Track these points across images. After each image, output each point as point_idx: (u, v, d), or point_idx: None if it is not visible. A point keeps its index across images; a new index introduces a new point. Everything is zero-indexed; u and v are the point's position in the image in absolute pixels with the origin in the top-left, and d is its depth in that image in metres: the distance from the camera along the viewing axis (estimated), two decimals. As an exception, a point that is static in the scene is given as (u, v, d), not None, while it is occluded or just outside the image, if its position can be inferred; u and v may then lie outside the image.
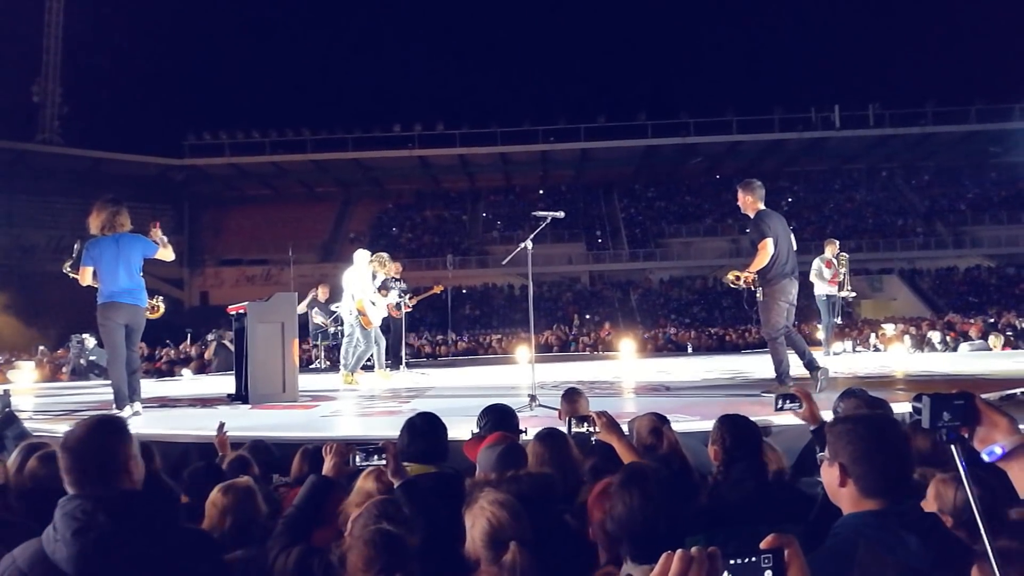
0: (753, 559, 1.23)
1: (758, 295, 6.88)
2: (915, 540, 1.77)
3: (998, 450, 1.68)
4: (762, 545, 1.25)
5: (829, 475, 1.96)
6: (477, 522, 2.21)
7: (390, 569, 2.14)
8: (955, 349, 15.09)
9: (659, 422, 3.76)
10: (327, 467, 2.91)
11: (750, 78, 59.70)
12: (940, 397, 1.73)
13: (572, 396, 4.38)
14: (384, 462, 2.89)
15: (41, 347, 18.45)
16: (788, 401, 3.53)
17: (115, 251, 6.54)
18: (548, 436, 3.35)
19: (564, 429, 3.54)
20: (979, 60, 44.91)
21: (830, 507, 2.04)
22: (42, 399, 9.41)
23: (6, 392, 6.06)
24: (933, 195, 43.72)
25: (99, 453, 2.14)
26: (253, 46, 59.05)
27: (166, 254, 6.81)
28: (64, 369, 15.56)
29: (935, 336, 15.91)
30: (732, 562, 1.21)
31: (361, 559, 2.18)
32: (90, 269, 6.54)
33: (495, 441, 3.15)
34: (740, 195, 7.04)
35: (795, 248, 7.00)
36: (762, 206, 6.90)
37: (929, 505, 2.37)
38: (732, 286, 7.13)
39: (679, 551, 1.19)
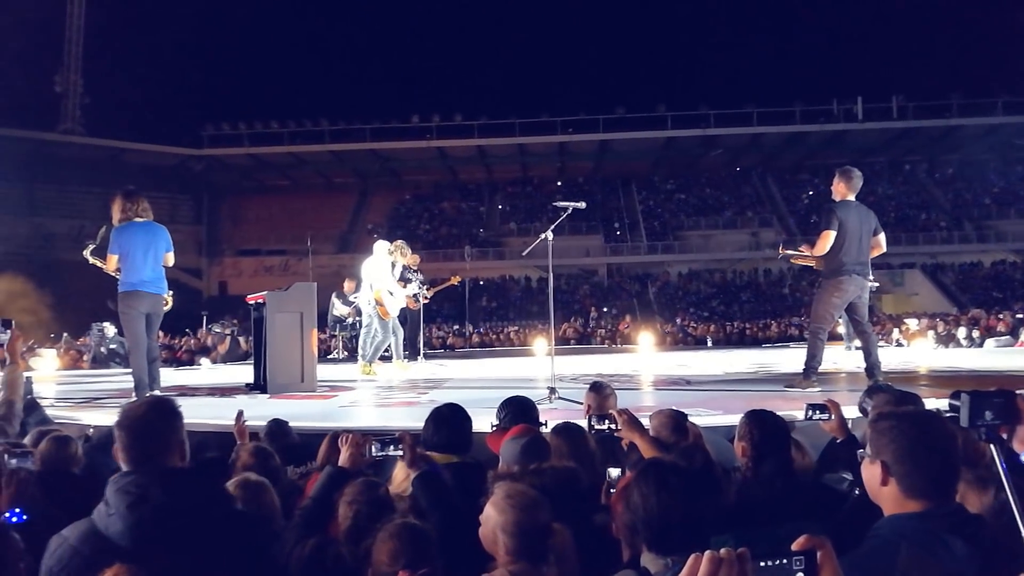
0: (784, 561, 1.19)
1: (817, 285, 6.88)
2: (961, 544, 1.68)
3: None
4: (794, 546, 1.21)
5: (870, 473, 1.88)
6: (506, 513, 2.16)
7: (415, 563, 2.12)
8: (981, 345, 14.89)
9: (678, 418, 3.71)
10: (343, 458, 2.89)
11: (771, 69, 59.09)
12: (980, 395, 1.65)
13: (601, 390, 4.23)
14: (400, 453, 2.86)
15: (65, 335, 18.64)
16: (817, 411, 3.52)
17: (145, 239, 6.58)
18: (565, 430, 3.33)
19: (585, 423, 3.50)
20: (1006, 52, 44.16)
21: (864, 506, 1.97)
22: (64, 387, 9.49)
23: (28, 380, 6.09)
24: (957, 189, 43.16)
25: (156, 432, 2.25)
26: (272, 37, 59.20)
27: (170, 258, 6.84)
28: (85, 357, 15.70)
29: (961, 332, 15.71)
30: (762, 564, 1.17)
31: (386, 553, 2.16)
32: (116, 257, 6.56)
33: (519, 433, 3.11)
34: (835, 180, 6.87)
35: (881, 246, 6.82)
36: (851, 196, 6.71)
37: None
38: (782, 254, 7.29)
39: (707, 552, 1.15)
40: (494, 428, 3.72)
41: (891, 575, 1.67)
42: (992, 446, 1.74)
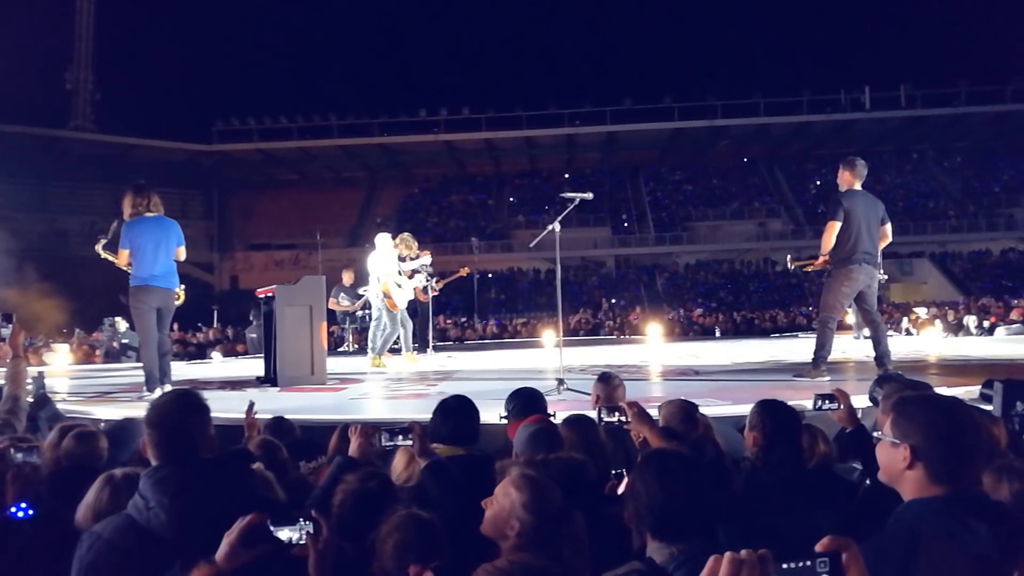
0: (807, 563, 1.16)
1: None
2: (984, 528, 1.68)
3: None
4: (818, 547, 1.19)
5: (892, 456, 1.86)
6: (524, 491, 2.15)
7: (423, 556, 2.10)
8: (991, 333, 14.82)
9: (688, 408, 3.70)
10: (352, 448, 2.91)
11: (778, 59, 58.74)
12: (1014, 384, 1.65)
13: (609, 381, 4.17)
14: (410, 443, 2.88)
15: (78, 330, 18.79)
16: (827, 401, 3.53)
17: (156, 233, 6.60)
18: (576, 422, 3.32)
19: (594, 415, 3.51)
20: (1014, 38, 43.75)
21: (876, 495, 1.96)
22: (76, 381, 9.56)
23: (40, 375, 6.14)
24: (966, 177, 42.85)
25: (185, 427, 2.27)
26: (280, 32, 59.26)
27: (182, 252, 6.86)
28: (98, 352, 15.80)
29: (971, 320, 15.63)
30: (784, 566, 1.15)
31: (392, 546, 2.14)
32: (127, 252, 6.59)
33: (530, 423, 3.12)
34: (839, 171, 6.85)
35: (888, 236, 6.79)
36: (857, 185, 6.68)
37: None
38: (793, 267, 7.17)
39: (728, 554, 1.13)
40: (502, 419, 3.73)
41: (914, 559, 1.67)
42: None
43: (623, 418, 3.23)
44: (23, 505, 2.62)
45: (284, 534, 1.86)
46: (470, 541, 2.32)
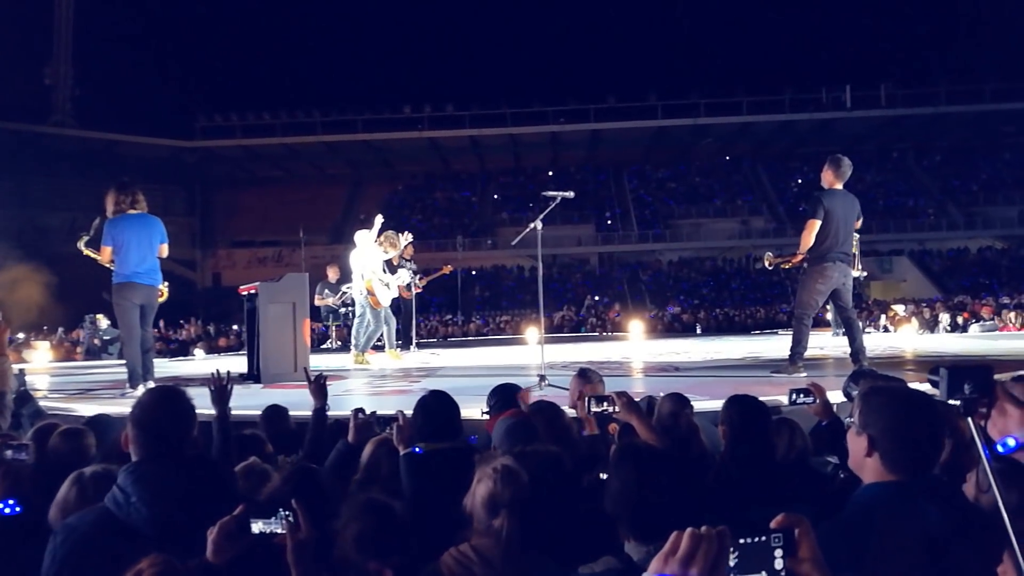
0: (763, 539, 1.23)
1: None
2: (934, 510, 1.74)
3: (1011, 442, 1.65)
4: (772, 524, 1.26)
5: (856, 444, 1.93)
6: (481, 484, 2.21)
7: (385, 551, 2.07)
8: (965, 330, 15.04)
9: (680, 404, 3.76)
10: (351, 434, 3.09)
11: (761, 58, 58.94)
12: (959, 368, 1.72)
13: (588, 377, 4.14)
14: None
15: (60, 328, 18.67)
16: (802, 395, 3.59)
17: (139, 231, 6.63)
18: (539, 409, 3.37)
19: (570, 410, 3.57)
20: (992, 40, 44.12)
21: (851, 489, 2.02)
22: (57, 378, 9.52)
23: (21, 372, 6.13)
24: (945, 176, 43.30)
25: (168, 426, 2.27)
26: (264, 27, 58.80)
27: (164, 249, 6.88)
28: (79, 349, 15.72)
29: (945, 317, 15.86)
30: (741, 541, 1.21)
31: (353, 535, 2.10)
32: (110, 249, 6.60)
33: (507, 416, 3.18)
34: (824, 168, 6.96)
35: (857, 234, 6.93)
36: (839, 185, 6.82)
37: None
38: (771, 264, 7.24)
39: (688, 529, 1.19)
40: (483, 414, 3.79)
41: (867, 540, 1.73)
42: (970, 420, 1.80)
43: (610, 408, 3.27)
44: (11, 502, 2.64)
45: (270, 527, 1.92)
46: (446, 529, 2.36)
